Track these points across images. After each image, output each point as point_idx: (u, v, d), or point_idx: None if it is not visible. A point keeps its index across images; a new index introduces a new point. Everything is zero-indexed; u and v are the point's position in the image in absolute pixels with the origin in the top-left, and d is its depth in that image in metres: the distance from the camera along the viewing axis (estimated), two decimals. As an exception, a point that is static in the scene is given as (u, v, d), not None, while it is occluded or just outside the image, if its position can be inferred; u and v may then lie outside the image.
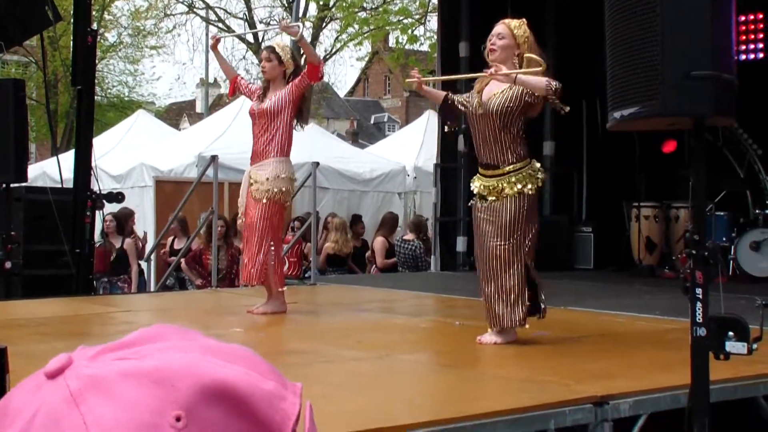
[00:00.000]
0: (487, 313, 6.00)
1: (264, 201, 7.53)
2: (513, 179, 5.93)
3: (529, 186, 5.95)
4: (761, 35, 12.71)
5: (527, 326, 6.03)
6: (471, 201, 6.23)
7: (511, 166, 5.95)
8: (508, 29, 6.09)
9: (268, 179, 7.51)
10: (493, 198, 5.96)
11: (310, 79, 7.66)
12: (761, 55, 12.69)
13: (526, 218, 5.96)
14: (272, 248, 7.63)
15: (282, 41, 8.03)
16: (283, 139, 7.62)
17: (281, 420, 0.70)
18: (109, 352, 0.69)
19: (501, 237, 5.87)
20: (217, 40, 8.46)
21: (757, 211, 11.72)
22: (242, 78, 8.12)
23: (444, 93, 6.53)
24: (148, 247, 13.27)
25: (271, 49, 7.83)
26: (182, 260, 12.18)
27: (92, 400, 0.64)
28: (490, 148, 6.02)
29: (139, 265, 12.91)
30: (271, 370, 0.73)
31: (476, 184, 6.11)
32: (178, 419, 0.64)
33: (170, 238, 12.91)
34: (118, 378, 0.66)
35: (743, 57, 12.22)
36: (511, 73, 5.92)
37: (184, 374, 0.66)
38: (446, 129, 8.35)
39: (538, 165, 6.13)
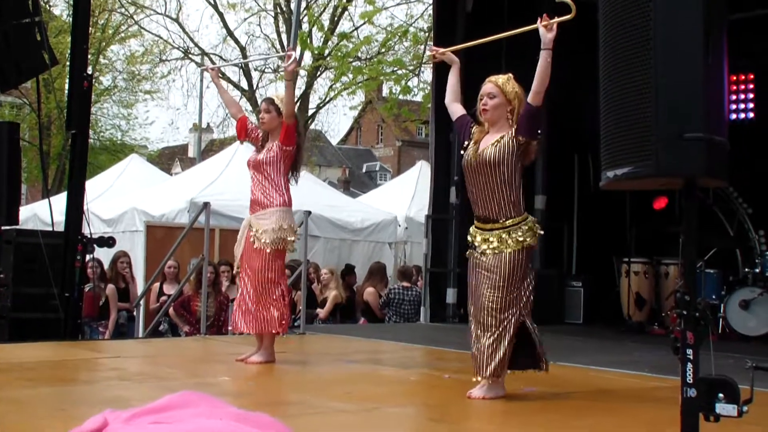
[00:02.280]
0: (474, 362, 5.97)
1: (268, 251, 7.52)
2: (519, 233, 5.94)
3: (529, 240, 5.96)
4: (752, 95, 12.84)
5: (507, 376, 6.02)
6: (468, 251, 6.17)
7: (511, 220, 5.95)
8: (497, 87, 6.11)
9: (273, 229, 7.51)
10: (492, 250, 5.96)
11: (283, 145, 7.60)
12: (751, 115, 12.81)
13: (524, 271, 5.96)
14: (284, 296, 7.64)
15: (280, 93, 8.01)
16: (282, 189, 7.63)
17: None
18: (143, 416, 0.70)
19: (498, 289, 5.86)
20: (216, 73, 8.49)
21: (746, 269, 11.74)
22: (249, 121, 8.03)
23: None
24: (139, 290, 13.19)
25: (270, 101, 7.82)
26: (170, 307, 12.12)
27: None
28: (489, 200, 6.00)
29: (129, 311, 12.85)
30: None
31: (474, 236, 6.10)
32: None
33: (158, 283, 12.85)
34: None
35: (734, 116, 12.33)
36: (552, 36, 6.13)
37: None
38: None
39: (534, 218, 6.15)
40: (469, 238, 6.15)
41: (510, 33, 6.66)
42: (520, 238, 5.92)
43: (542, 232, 6.11)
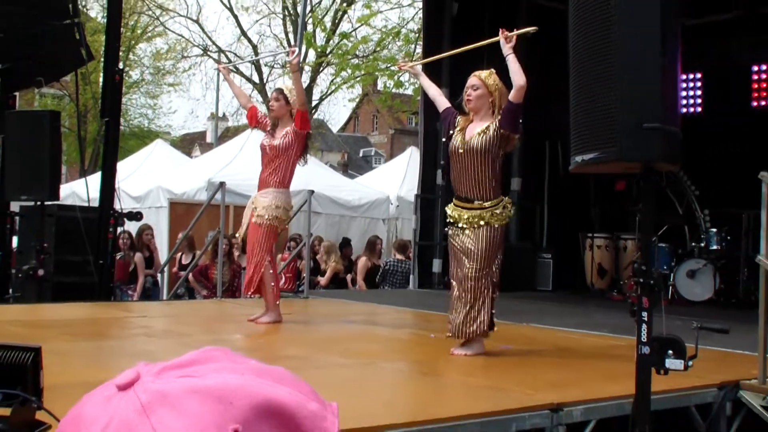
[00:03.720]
0: (453, 326, 5.98)
1: (261, 226, 7.53)
2: (497, 212, 5.95)
3: (503, 219, 5.98)
4: (699, 92, 12.90)
5: (490, 337, 6.05)
6: (446, 228, 6.19)
7: (489, 202, 5.96)
8: (480, 80, 6.11)
9: (266, 207, 7.50)
10: (471, 227, 5.97)
11: (300, 129, 7.55)
12: (699, 109, 12.87)
13: (498, 247, 5.98)
14: (268, 264, 7.61)
15: (288, 84, 7.97)
16: (284, 172, 7.58)
17: None
18: (172, 370, 0.70)
19: (476, 261, 5.87)
20: (227, 70, 8.49)
21: (693, 243, 11.80)
22: (258, 110, 8.00)
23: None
24: (162, 259, 13.21)
25: (280, 91, 7.78)
26: (190, 273, 12.15)
27: (161, 413, 0.65)
28: (471, 183, 5.99)
29: (153, 276, 12.87)
30: (313, 391, 0.74)
31: (453, 213, 6.09)
32: None
33: (179, 254, 12.89)
34: (183, 394, 0.66)
35: (685, 110, 12.34)
36: (511, 45, 6.01)
37: (240, 393, 0.67)
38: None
39: (509, 199, 6.15)
40: (449, 213, 6.13)
41: (477, 45, 6.69)
42: (496, 217, 5.94)
43: (512, 210, 6.11)
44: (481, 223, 5.92)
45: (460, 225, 6.00)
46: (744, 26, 12.24)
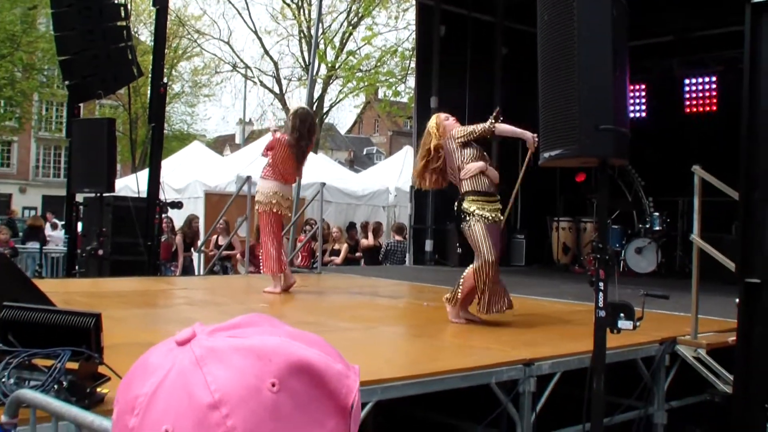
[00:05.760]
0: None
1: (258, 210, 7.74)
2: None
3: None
4: (644, 100, 12.99)
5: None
6: (491, 215, 5.83)
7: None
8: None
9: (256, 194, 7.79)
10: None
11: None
12: (644, 114, 12.95)
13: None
14: (266, 242, 7.63)
15: (294, 105, 8.08)
16: (267, 165, 7.77)
17: (346, 393, 0.72)
18: (221, 331, 0.71)
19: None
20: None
21: (640, 225, 11.81)
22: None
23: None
24: (199, 242, 13.22)
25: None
26: (237, 253, 12.20)
27: (212, 365, 0.66)
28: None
29: (190, 256, 12.90)
30: (338, 354, 0.75)
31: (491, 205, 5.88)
32: (273, 385, 0.66)
33: (214, 236, 12.88)
34: (230, 350, 0.68)
35: (632, 115, 12.35)
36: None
37: (278, 352, 0.68)
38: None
39: None
40: (482, 207, 5.81)
41: (521, 175, 6.71)
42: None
43: None
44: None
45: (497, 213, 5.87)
46: (679, 47, 12.45)
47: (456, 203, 5.90)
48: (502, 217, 5.88)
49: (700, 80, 12.43)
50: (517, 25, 12.73)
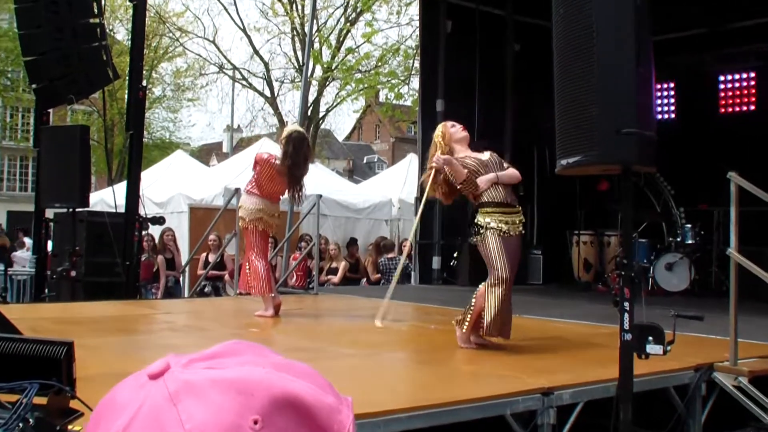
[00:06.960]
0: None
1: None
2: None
3: None
4: (673, 100, 12.94)
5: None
6: (513, 228, 5.78)
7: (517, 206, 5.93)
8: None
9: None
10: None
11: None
12: (673, 116, 12.90)
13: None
14: (253, 261, 7.60)
15: (288, 127, 8.09)
16: (252, 180, 7.80)
17: (338, 429, 0.71)
18: (198, 362, 0.70)
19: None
20: None
21: (670, 238, 11.80)
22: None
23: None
24: (183, 260, 13.21)
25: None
26: (225, 274, 12.23)
27: (187, 401, 0.65)
28: (510, 191, 5.90)
29: (176, 276, 12.87)
30: (329, 385, 0.74)
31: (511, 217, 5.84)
32: (255, 422, 0.65)
33: (204, 254, 12.87)
34: (207, 384, 0.67)
35: (659, 117, 12.34)
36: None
37: (261, 385, 0.67)
38: None
39: None
40: (498, 219, 5.74)
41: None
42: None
43: None
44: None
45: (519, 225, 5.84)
46: (712, 40, 12.33)
47: (469, 216, 5.89)
48: (522, 230, 5.81)
49: (737, 77, 12.39)
50: (529, 19, 12.75)
